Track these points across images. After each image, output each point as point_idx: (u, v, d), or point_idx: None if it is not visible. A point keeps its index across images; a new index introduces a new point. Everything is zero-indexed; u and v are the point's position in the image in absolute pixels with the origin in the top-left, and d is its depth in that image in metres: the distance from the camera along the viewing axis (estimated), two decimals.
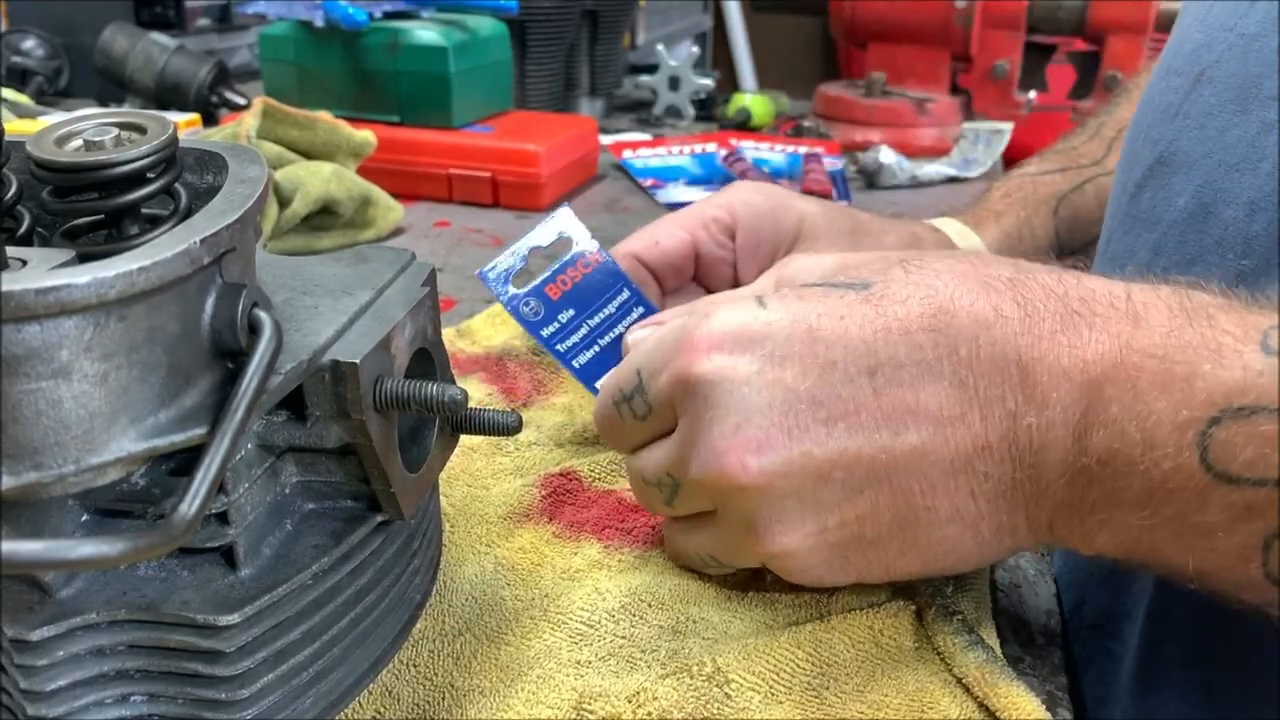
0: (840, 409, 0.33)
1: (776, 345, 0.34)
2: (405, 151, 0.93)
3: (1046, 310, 0.32)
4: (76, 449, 0.26)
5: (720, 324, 0.35)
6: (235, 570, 0.31)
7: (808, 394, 0.33)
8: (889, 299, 0.34)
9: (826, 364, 0.33)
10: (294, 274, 0.35)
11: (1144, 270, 0.46)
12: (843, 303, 0.34)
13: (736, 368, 0.34)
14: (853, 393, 0.33)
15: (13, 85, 1.10)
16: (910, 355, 0.33)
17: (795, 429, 0.33)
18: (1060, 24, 1.19)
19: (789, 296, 0.35)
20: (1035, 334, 0.32)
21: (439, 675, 0.35)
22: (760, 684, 0.34)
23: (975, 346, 0.32)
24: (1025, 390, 0.32)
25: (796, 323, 0.34)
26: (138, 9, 1.24)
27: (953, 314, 0.33)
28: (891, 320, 0.33)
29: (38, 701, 0.29)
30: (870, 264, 0.36)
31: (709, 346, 0.35)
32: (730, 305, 0.36)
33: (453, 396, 0.32)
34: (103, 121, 0.31)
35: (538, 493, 0.45)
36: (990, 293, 0.33)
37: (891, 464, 0.33)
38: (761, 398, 0.34)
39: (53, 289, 0.24)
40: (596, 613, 0.38)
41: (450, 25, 0.94)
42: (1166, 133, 0.46)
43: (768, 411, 0.33)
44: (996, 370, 0.32)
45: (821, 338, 0.33)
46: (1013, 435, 0.32)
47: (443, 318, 0.57)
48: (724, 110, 1.27)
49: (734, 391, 0.34)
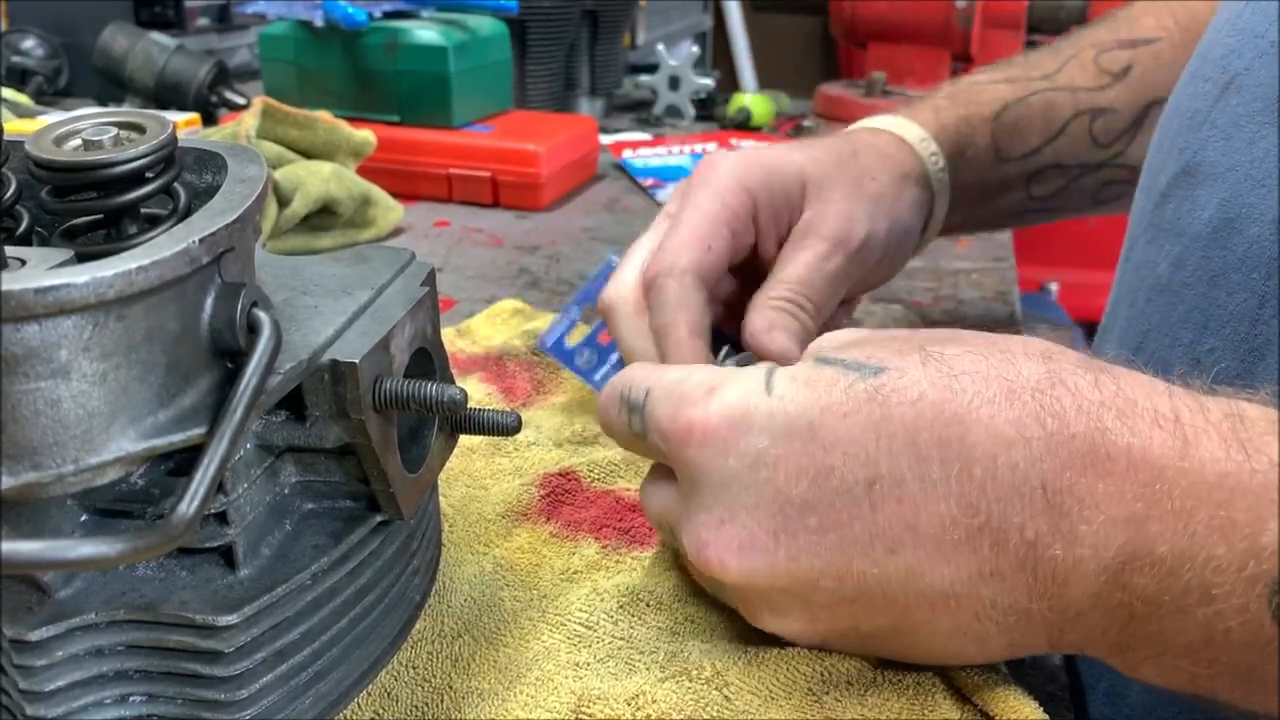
0: (833, 519, 0.31)
1: (774, 440, 0.32)
2: (405, 151, 0.93)
3: (1079, 427, 0.29)
4: (75, 449, 0.26)
5: (720, 407, 0.33)
6: (234, 570, 0.31)
7: (800, 499, 0.31)
8: (898, 396, 0.31)
9: (823, 469, 0.31)
10: (293, 274, 0.35)
11: (1164, 284, 0.44)
12: (849, 395, 0.31)
13: (729, 460, 0.32)
14: (848, 503, 0.31)
15: (12, 85, 1.10)
16: (914, 469, 0.30)
17: (783, 533, 0.31)
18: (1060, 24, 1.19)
19: (798, 380, 0.33)
20: (1064, 458, 0.28)
21: (438, 676, 0.35)
22: (760, 688, 0.34)
23: (992, 467, 0.29)
24: (1050, 520, 0.29)
25: (798, 416, 0.32)
26: (137, 9, 1.24)
27: (967, 426, 0.29)
28: (897, 425, 0.30)
29: (37, 702, 0.29)
30: (893, 343, 0.33)
31: (704, 432, 0.33)
32: (736, 384, 0.33)
33: (452, 396, 0.32)
34: (102, 121, 0.31)
35: (536, 492, 0.45)
36: (1014, 403, 0.29)
37: (883, 580, 0.31)
38: (750, 496, 0.32)
39: (52, 288, 0.24)
40: (595, 614, 0.37)
41: (450, 25, 0.94)
42: (1193, 141, 0.44)
43: (755, 511, 0.32)
44: (1016, 495, 0.29)
45: (821, 439, 0.31)
46: (1032, 565, 0.29)
47: (442, 318, 0.57)
48: (724, 110, 1.27)
49: (723, 486, 0.32)
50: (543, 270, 0.77)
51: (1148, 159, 0.51)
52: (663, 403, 0.35)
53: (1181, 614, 0.27)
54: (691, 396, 0.34)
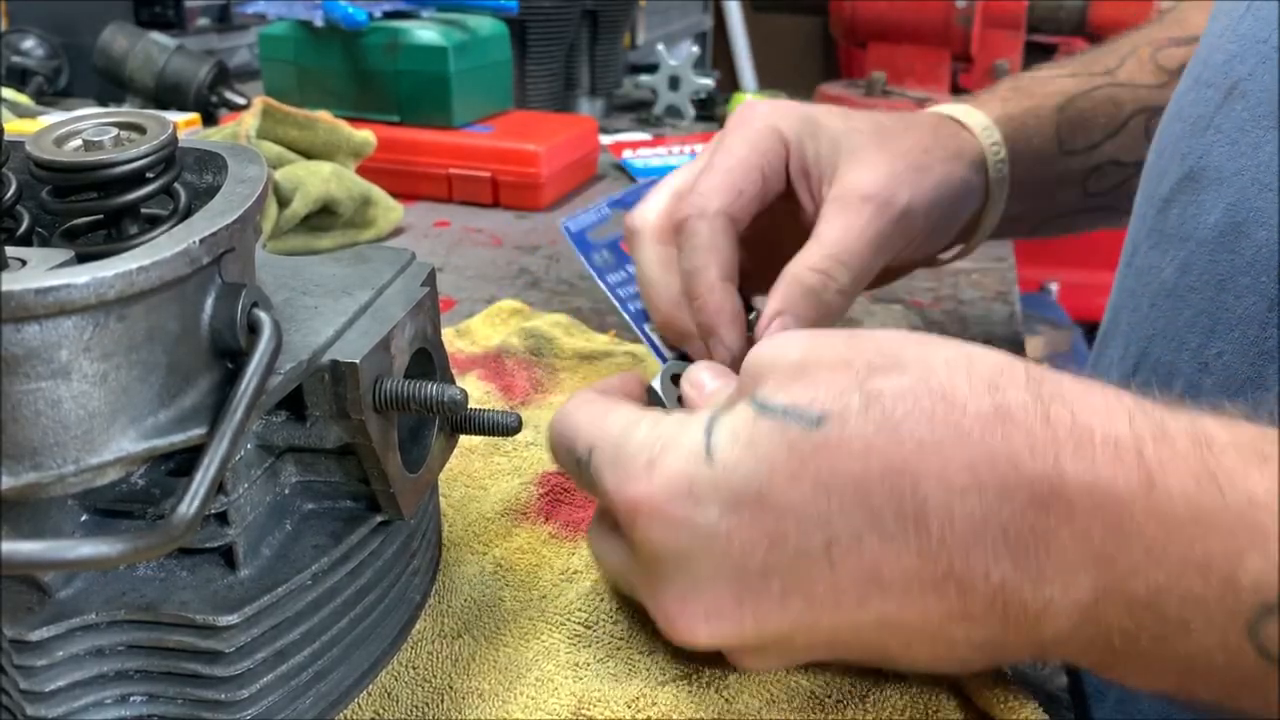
0: (795, 581, 0.30)
1: (724, 512, 0.30)
2: (405, 151, 0.93)
3: (1035, 469, 0.27)
4: (76, 449, 0.26)
5: (663, 481, 0.31)
6: (235, 570, 0.31)
7: (759, 566, 0.30)
8: (844, 449, 0.29)
9: (777, 535, 0.30)
10: (294, 274, 0.35)
11: (1169, 289, 0.44)
12: (794, 455, 0.29)
13: (680, 536, 0.31)
14: (808, 566, 0.30)
15: (12, 85, 1.10)
16: (869, 525, 0.29)
17: (747, 600, 0.31)
18: (1060, 24, 1.19)
19: (740, 439, 0.31)
20: (1022, 501, 0.27)
21: (438, 677, 0.35)
22: (761, 691, 0.34)
23: (948, 517, 0.28)
24: (1015, 561, 0.28)
25: (744, 486, 0.30)
26: (137, 9, 1.24)
27: (918, 478, 0.28)
28: (846, 482, 0.29)
29: (37, 702, 0.29)
30: (833, 376, 0.31)
31: (650, 510, 0.31)
32: (675, 450, 0.32)
33: (452, 396, 0.32)
34: (102, 121, 0.31)
35: (535, 491, 0.45)
36: (964, 447, 0.28)
37: (855, 628, 0.30)
38: (708, 568, 0.31)
39: (52, 289, 0.24)
40: (595, 614, 0.38)
41: (450, 25, 0.94)
42: (1196, 146, 0.44)
43: (715, 580, 0.31)
44: (977, 542, 0.28)
45: (771, 507, 0.30)
46: (1001, 605, 0.28)
47: (442, 318, 0.57)
48: (724, 110, 1.27)
49: (678, 560, 0.31)
50: (543, 270, 0.77)
51: (1148, 165, 0.50)
52: (606, 469, 0.33)
53: (1161, 644, 0.27)
54: (632, 469, 0.32)
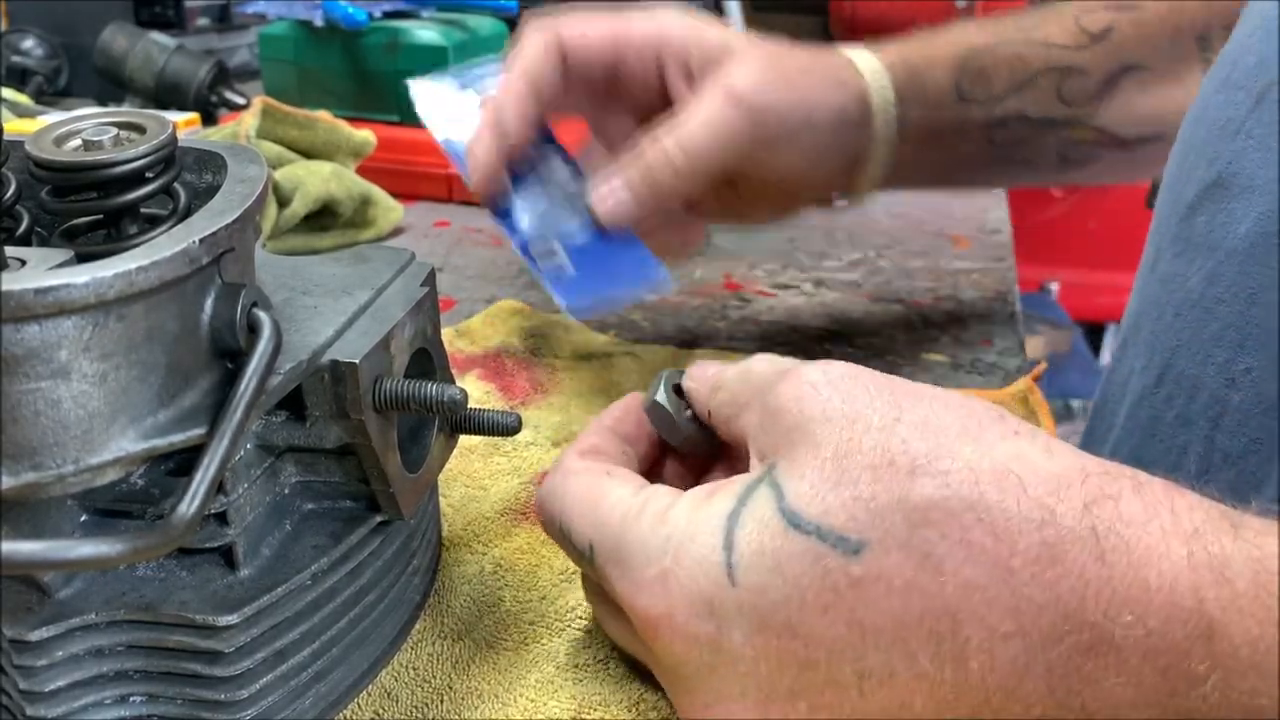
0: (822, 703, 0.29)
1: (749, 637, 0.29)
2: (405, 151, 0.93)
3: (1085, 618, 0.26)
4: (75, 449, 0.26)
5: (681, 598, 0.29)
6: (234, 570, 0.31)
7: (785, 689, 0.29)
8: (884, 584, 0.27)
9: (806, 664, 0.28)
10: (293, 274, 0.35)
11: (1195, 299, 0.43)
12: (826, 584, 0.28)
13: (702, 654, 0.30)
14: (836, 692, 0.28)
15: (12, 85, 1.10)
16: (904, 663, 0.27)
17: (772, 715, 0.30)
18: None
19: (766, 557, 0.28)
20: (1069, 648, 0.26)
21: (438, 677, 0.35)
22: None
23: (989, 661, 0.26)
24: (1057, 700, 0.26)
25: (772, 613, 0.28)
26: (137, 9, 1.24)
27: (960, 622, 0.26)
28: (884, 620, 0.27)
29: (37, 702, 0.29)
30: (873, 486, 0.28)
31: (670, 628, 0.30)
32: (690, 560, 0.30)
33: (452, 396, 0.32)
34: (102, 121, 0.31)
35: (535, 490, 0.45)
36: (1010, 589, 0.26)
37: None
38: (732, 685, 0.30)
39: (51, 289, 0.24)
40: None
41: (450, 25, 0.94)
42: (1225, 151, 0.43)
43: (739, 699, 0.30)
44: (1018, 685, 0.26)
45: (801, 635, 0.28)
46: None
47: (442, 318, 0.57)
48: None
49: (700, 676, 0.30)
50: None
51: (1171, 167, 0.49)
52: (613, 570, 0.31)
53: None
54: (644, 579, 0.30)
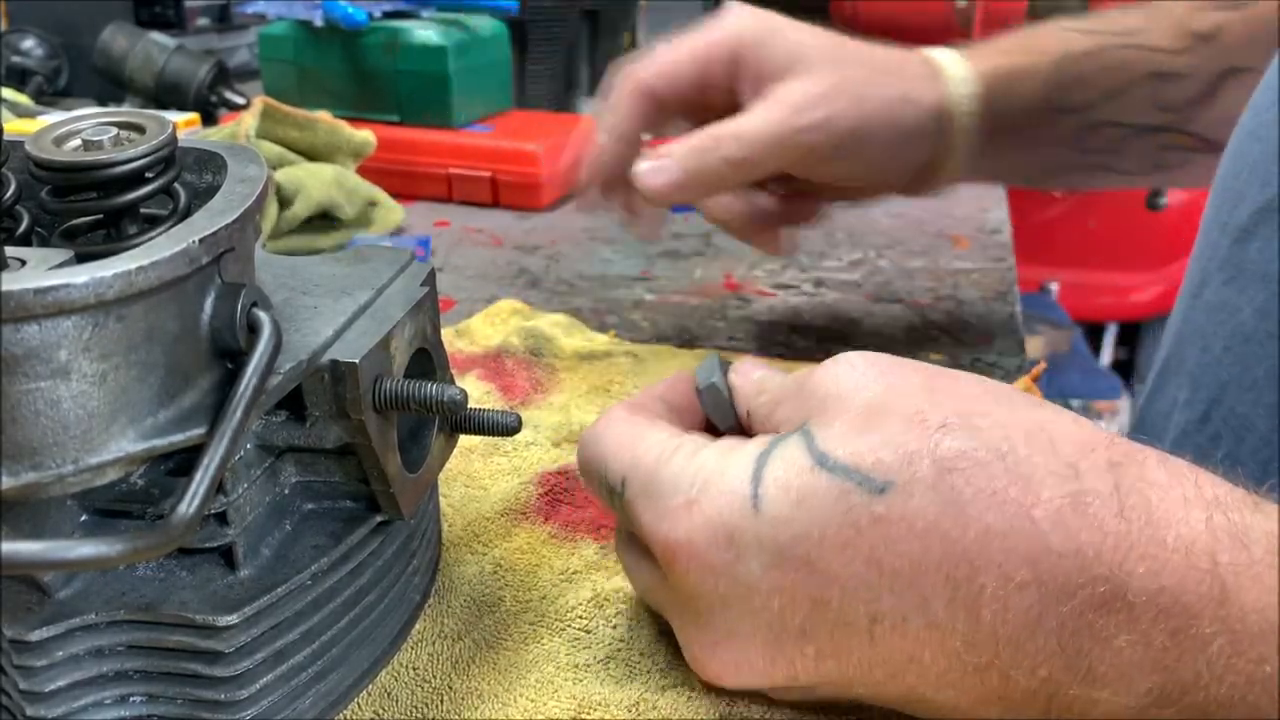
0: (831, 648, 0.29)
1: (766, 569, 0.29)
2: (405, 151, 0.93)
3: (1100, 570, 0.25)
4: (75, 449, 0.26)
5: (704, 526, 0.30)
6: (234, 571, 0.31)
7: (796, 627, 0.29)
8: (906, 525, 0.27)
9: (820, 601, 0.28)
10: (293, 274, 0.35)
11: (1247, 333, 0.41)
12: (848, 521, 0.28)
13: (718, 585, 0.30)
14: (847, 635, 0.28)
15: (12, 85, 1.10)
16: (918, 609, 0.27)
17: (780, 656, 0.30)
18: None
19: (791, 493, 0.29)
20: (1082, 601, 0.26)
21: (437, 677, 0.35)
22: (761, 696, 0.34)
23: (1002, 611, 0.26)
24: (1066, 660, 0.26)
25: (792, 545, 0.28)
26: (137, 9, 1.24)
27: (977, 567, 0.26)
28: (902, 561, 0.27)
29: (37, 702, 0.29)
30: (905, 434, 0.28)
31: (689, 555, 0.30)
32: (718, 493, 0.30)
33: (452, 396, 0.32)
34: (101, 121, 0.31)
35: (535, 491, 0.45)
36: (1030, 538, 0.26)
37: (885, 694, 0.30)
38: (744, 621, 0.30)
39: (51, 289, 0.24)
40: (594, 616, 0.37)
41: (450, 24, 0.94)
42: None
43: (750, 635, 0.30)
44: (1028, 638, 0.26)
45: (818, 572, 0.28)
46: (1045, 698, 0.27)
47: (442, 318, 0.57)
48: None
49: (714, 608, 0.30)
50: (543, 270, 0.77)
51: (1219, 186, 0.47)
52: (641, 503, 0.32)
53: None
54: (669, 507, 0.31)
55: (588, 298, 0.71)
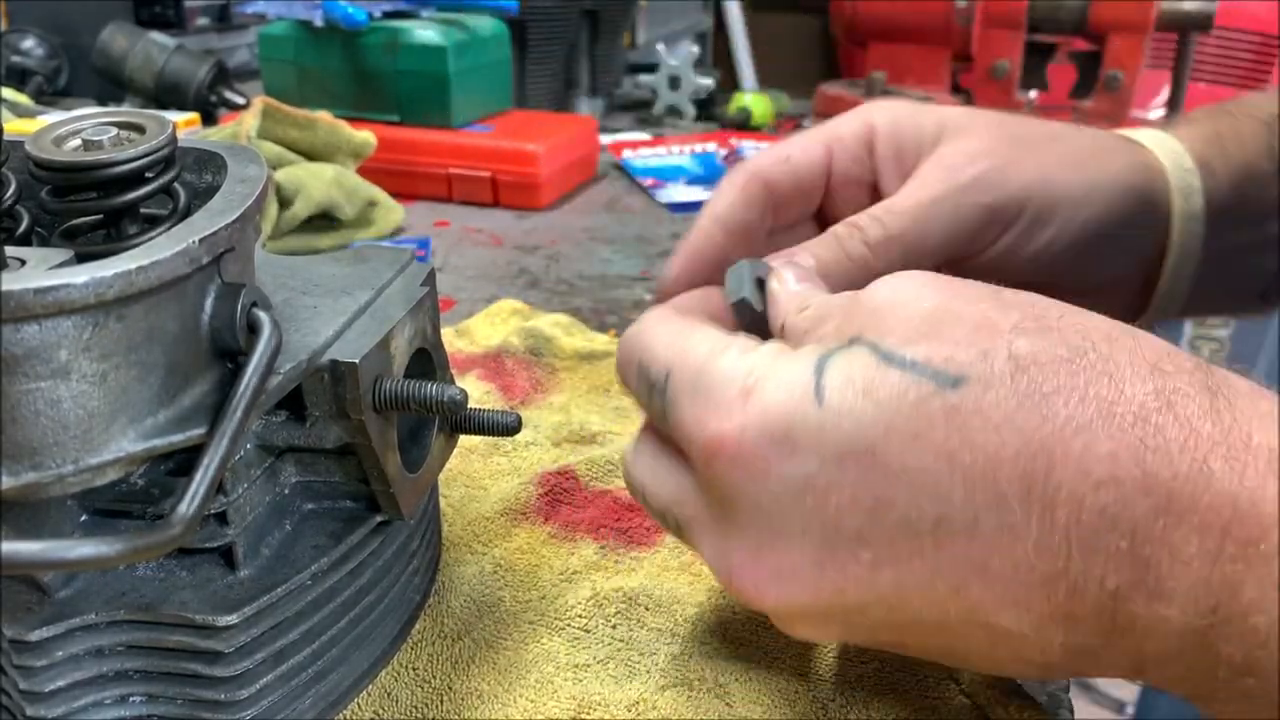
0: (890, 554, 0.27)
1: (825, 463, 0.27)
2: (405, 151, 0.93)
3: (1182, 467, 0.24)
4: (75, 449, 0.26)
5: (758, 419, 0.28)
6: (234, 571, 0.31)
7: (853, 531, 0.27)
8: (979, 420, 0.25)
9: (882, 502, 0.26)
10: (293, 274, 0.35)
11: None
12: (919, 413, 0.26)
13: (768, 484, 0.27)
14: (908, 540, 0.26)
15: (12, 85, 1.10)
16: (989, 508, 0.25)
17: (829, 565, 0.27)
18: (1061, 23, 1.19)
19: (856, 384, 0.27)
20: (1158, 502, 0.24)
21: (437, 677, 0.35)
22: (761, 698, 0.34)
23: (1077, 511, 0.25)
24: (1135, 572, 0.25)
25: (856, 437, 0.26)
26: (137, 8, 1.24)
27: (1055, 461, 0.25)
28: (976, 456, 0.25)
29: (37, 702, 0.29)
30: (977, 332, 0.27)
31: (737, 450, 0.28)
32: (776, 381, 0.28)
33: (452, 397, 0.32)
34: (101, 121, 0.31)
35: (535, 491, 0.45)
36: (1112, 433, 0.25)
37: (942, 614, 0.27)
38: (792, 524, 0.27)
39: (51, 289, 0.24)
40: (594, 616, 0.37)
41: (450, 24, 0.94)
42: None
43: (799, 539, 0.27)
44: (1101, 543, 0.25)
45: (883, 466, 0.26)
46: (1110, 615, 0.25)
47: (442, 318, 0.57)
48: (724, 110, 1.27)
49: (759, 510, 0.28)
50: (543, 270, 0.77)
51: None
52: (685, 397, 0.30)
53: (1269, 685, 0.24)
54: (721, 397, 0.29)
55: (588, 298, 0.71)
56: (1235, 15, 1.88)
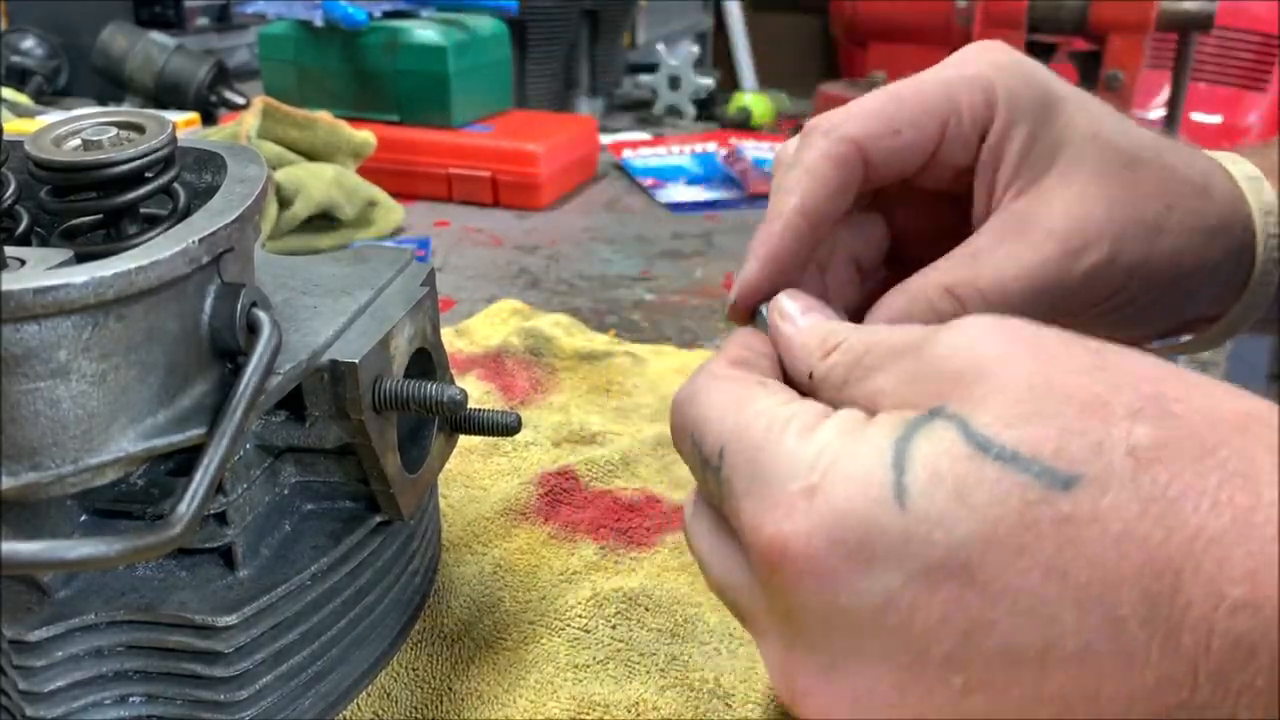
0: (984, 680, 0.23)
1: (911, 577, 0.23)
2: (405, 151, 0.93)
3: None
4: (75, 449, 0.26)
5: (828, 522, 0.24)
6: (234, 571, 0.31)
7: (942, 654, 0.23)
8: (1099, 528, 0.22)
9: (979, 625, 0.22)
10: (293, 274, 0.35)
11: None
12: (1025, 521, 0.22)
13: (841, 594, 0.24)
14: (1008, 667, 0.22)
15: (12, 85, 1.10)
16: (1103, 635, 0.22)
17: (913, 689, 0.23)
18: (1061, 23, 1.19)
19: (946, 483, 0.23)
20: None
21: (437, 678, 0.35)
22: (762, 699, 0.34)
23: (1207, 637, 0.21)
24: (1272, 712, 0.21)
25: (948, 550, 0.23)
26: (137, 8, 1.24)
27: (1182, 579, 0.21)
28: (1094, 573, 0.22)
29: (36, 702, 0.29)
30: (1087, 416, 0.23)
31: (805, 559, 0.24)
32: (848, 476, 0.24)
33: (452, 396, 0.32)
34: (101, 121, 0.31)
35: (535, 491, 0.45)
36: (1249, 548, 0.21)
37: None
38: (871, 644, 0.24)
39: (51, 289, 0.24)
40: (594, 617, 0.37)
41: (450, 24, 0.94)
42: None
43: (877, 661, 0.24)
44: (1235, 674, 0.21)
45: (980, 585, 0.22)
46: None
47: (442, 318, 0.57)
48: (724, 109, 1.27)
49: (831, 624, 0.24)
50: (543, 270, 0.77)
51: None
52: (741, 484, 0.26)
53: None
54: (782, 493, 0.25)
55: (588, 298, 0.71)
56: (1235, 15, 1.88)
